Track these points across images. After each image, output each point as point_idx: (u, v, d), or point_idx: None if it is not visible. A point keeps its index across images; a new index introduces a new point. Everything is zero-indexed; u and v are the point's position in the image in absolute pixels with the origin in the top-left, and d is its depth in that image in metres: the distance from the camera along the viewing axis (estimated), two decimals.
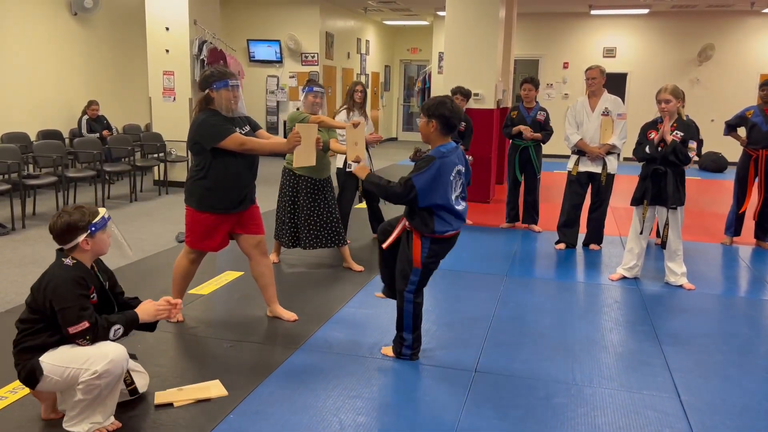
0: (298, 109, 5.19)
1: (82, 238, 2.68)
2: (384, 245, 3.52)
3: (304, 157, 3.86)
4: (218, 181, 3.70)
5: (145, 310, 2.85)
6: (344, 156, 5.69)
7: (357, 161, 5.11)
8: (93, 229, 2.70)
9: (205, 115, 3.68)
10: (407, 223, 3.39)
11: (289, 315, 4.10)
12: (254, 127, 3.89)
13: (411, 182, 3.21)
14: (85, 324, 2.60)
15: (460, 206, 3.38)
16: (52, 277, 2.64)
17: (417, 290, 3.45)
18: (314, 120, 4.90)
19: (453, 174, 3.31)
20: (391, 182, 3.32)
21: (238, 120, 3.76)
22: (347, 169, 5.72)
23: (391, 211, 6.46)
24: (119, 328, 2.72)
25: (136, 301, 2.95)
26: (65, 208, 2.75)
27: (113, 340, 2.72)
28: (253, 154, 3.76)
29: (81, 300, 2.62)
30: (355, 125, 4.98)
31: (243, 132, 3.73)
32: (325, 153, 5.08)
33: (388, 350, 3.63)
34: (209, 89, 3.68)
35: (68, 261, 2.69)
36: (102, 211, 2.79)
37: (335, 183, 5.48)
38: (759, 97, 6.23)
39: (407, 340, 3.53)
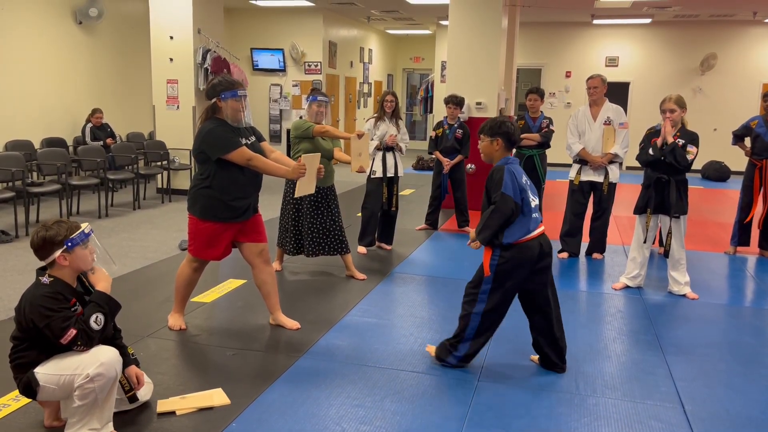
0: (301, 117, 5.21)
1: (58, 253, 2.65)
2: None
3: (304, 187, 3.86)
4: (222, 190, 3.70)
5: (100, 279, 2.79)
6: (377, 162, 5.92)
7: (361, 171, 5.15)
8: (69, 244, 2.66)
9: (212, 125, 3.68)
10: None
11: (291, 323, 4.10)
12: (259, 138, 3.90)
13: (503, 194, 3.24)
14: (72, 332, 2.59)
15: (536, 214, 3.37)
16: (29, 298, 2.63)
17: (488, 300, 3.35)
18: (319, 130, 4.92)
19: (524, 178, 3.37)
20: (487, 216, 3.29)
21: (243, 130, 3.77)
22: (371, 176, 5.97)
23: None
24: (96, 316, 2.66)
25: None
26: (45, 222, 2.71)
27: (104, 327, 2.68)
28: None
29: (61, 312, 2.60)
30: (360, 136, 5.01)
31: (248, 142, 3.74)
32: (329, 161, 5.10)
33: (432, 349, 3.66)
34: (217, 98, 3.68)
35: (45, 279, 2.66)
36: (83, 225, 2.74)
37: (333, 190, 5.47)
38: (762, 108, 6.24)
39: (460, 350, 3.49)
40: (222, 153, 3.62)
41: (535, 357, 3.66)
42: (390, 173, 6.02)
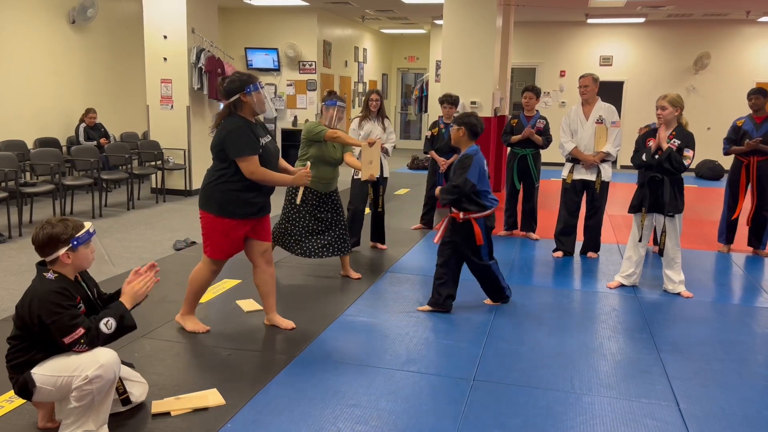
0: (309, 120, 5.18)
1: (63, 251, 2.64)
2: (436, 240, 4.49)
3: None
4: (244, 186, 3.67)
5: (127, 295, 2.81)
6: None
7: (371, 179, 5.13)
8: (75, 243, 2.65)
9: (241, 122, 3.64)
10: (460, 214, 4.33)
11: (286, 323, 4.09)
12: (273, 137, 3.90)
13: (466, 177, 4.22)
14: (80, 330, 2.58)
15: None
16: (36, 293, 2.61)
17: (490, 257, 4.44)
18: (331, 135, 4.89)
19: (485, 166, 4.38)
20: (449, 184, 4.34)
21: (261, 130, 3.75)
22: (355, 176, 5.87)
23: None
24: (108, 320, 2.67)
25: (118, 294, 2.90)
26: (49, 219, 2.70)
27: (110, 335, 2.68)
28: (270, 168, 3.73)
29: (70, 309, 2.59)
30: (371, 144, 4.97)
31: (265, 141, 3.72)
32: (334, 168, 5.09)
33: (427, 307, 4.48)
34: (242, 94, 3.63)
35: (50, 275, 2.64)
36: (87, 225, 2.73)
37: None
38: (749, 105, 6.27)
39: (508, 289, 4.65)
40: (236, 155, 3.60)
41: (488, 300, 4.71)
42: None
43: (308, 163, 3.83)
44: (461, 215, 4.33)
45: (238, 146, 3.60)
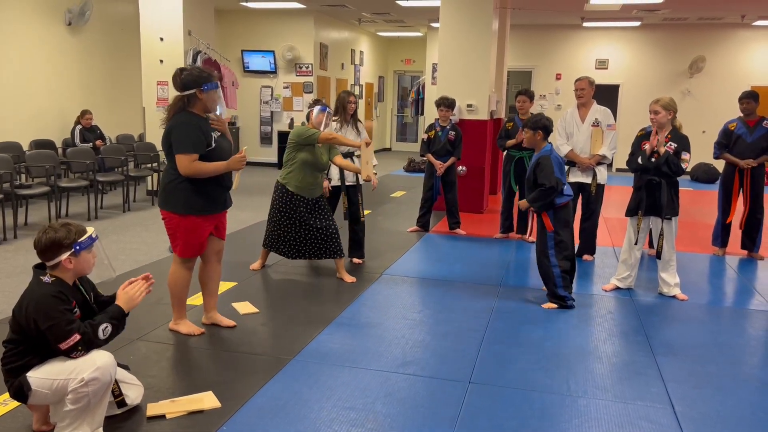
0: (303, 123, 5.18)
1: (65, 256, 2.63)
2: (530, 239, 5.02)
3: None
4: (205, 181, 3.66)
5: (122, 300, 2.82)
6: (334, 169, 5.57)
7: (368, 180, 5.11)
8: (78, 248, 2.65)
9: (192, 119, 3.63)
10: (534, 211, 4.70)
11: (227, 321, 4.13)
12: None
13: (556, 178, 4.49)
14: (76, 336, 2.58)
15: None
16: (32, 296, 2.60)
17: (556, 253, 4.59)
18: (326, 136, 4.86)
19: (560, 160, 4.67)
20: (539, 190, 4.55)
21: (210, 126, 3.74)
22: (360, 182, 5.59)
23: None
24: (106, 327, 2.68)
25: (114, 298, 2.90)
26: (52, 224, 2.69)
27: (106, 340, 2.68)
28: (220, 158, 3.72)
29: (66, 314, 2.58)
30: (368, 144, 4.97)
31: (216, 136, 3.71)
32: (321, 173, 5.08)
33: (551, 305, 4.68)
34: (198, 90, 3.63)
35: (47, 278, 2.64)
36: (90, 230, 2.73)
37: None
38: (740, 109, 6.29)
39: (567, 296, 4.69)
40: (177, 150, 3.58)
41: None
42: (350, 181, 5.58)
43: (244, 148, 3.80)
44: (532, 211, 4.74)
45: (183, 141, 3.58)
